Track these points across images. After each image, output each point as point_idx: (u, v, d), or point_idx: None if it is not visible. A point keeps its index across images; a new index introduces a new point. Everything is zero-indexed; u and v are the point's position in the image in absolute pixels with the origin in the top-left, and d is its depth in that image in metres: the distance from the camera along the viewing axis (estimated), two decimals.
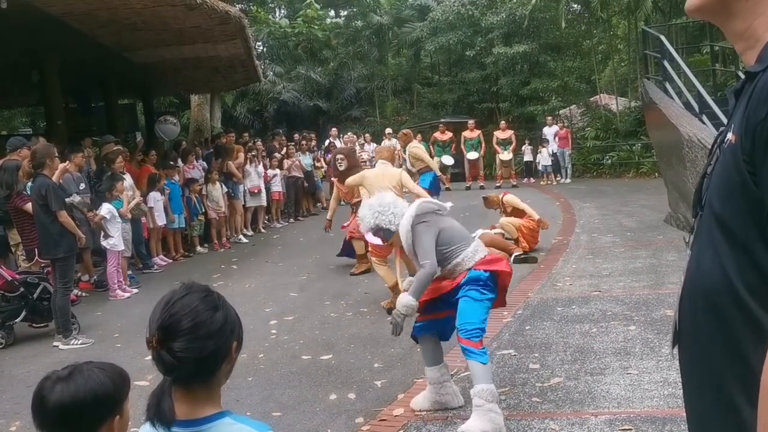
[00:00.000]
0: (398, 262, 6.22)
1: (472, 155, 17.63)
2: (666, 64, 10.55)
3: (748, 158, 1.09)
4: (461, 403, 4.06)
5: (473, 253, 3.96)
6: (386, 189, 7.82)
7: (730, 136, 1.17)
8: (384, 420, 4.10)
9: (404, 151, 17.46)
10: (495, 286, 3.96)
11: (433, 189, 9.76)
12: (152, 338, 1.49)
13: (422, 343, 4.15)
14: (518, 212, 8.98)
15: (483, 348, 3.80)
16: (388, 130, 19.45)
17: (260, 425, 1.56)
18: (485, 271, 3.90)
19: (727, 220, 1.15)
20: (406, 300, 3.91)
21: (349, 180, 7.78)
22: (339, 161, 8.63)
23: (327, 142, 17.55)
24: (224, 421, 1.53)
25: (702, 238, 1.24)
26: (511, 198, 9.13)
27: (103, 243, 8.41)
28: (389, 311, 6.17)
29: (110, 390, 1.62)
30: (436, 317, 4.11)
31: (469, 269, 3.90)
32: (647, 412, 3.74)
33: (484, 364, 3.74)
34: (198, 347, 1.48)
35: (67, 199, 6.99)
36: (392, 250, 6.51)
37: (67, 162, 7.76)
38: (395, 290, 6.33)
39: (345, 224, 8.68)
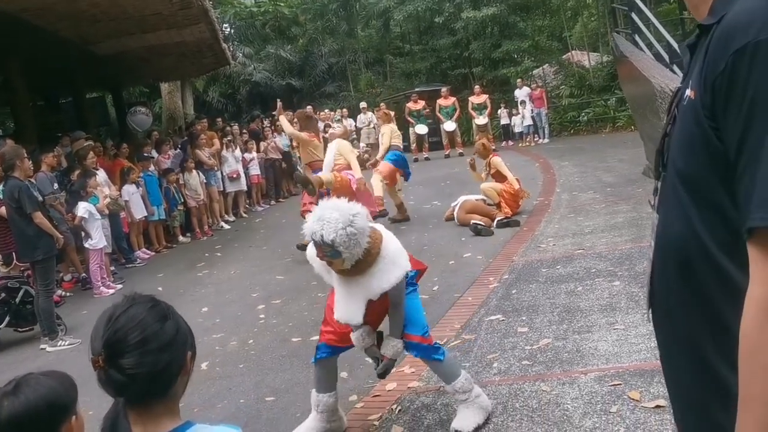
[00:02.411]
0: None
1: (448, 126, 17.57)
2: (634, 16, 10.52)
3: (709, 113, 1.07)
4: (346, 425, 3.80)
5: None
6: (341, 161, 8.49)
7: (688, 92, 1.14)
8: (377, 396, 4.12)
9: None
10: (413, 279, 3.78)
11: (399, 164, 9.70)
12: (98, 358, 1.36)
13: (321, 366, 3.76)
14: (501, 176, 8.96)
15: (435, 344, 3.64)
16: (363, 104, 19.36)
17: (228, 427, 1.49)
18: (413, 270, 3.70)
19: (692, 177, 1.14)
20: (399, 345, 3.54)
21: (305, 135, 8.72)
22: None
23: None
24: (194, 428, 1.45)
25: (668, 198, 1.22)
26: (498, 161, 9.06)
27: (85, 243, 8.34)
28: None
29: (61, 393, 1.59)
30: (347, 344, 3.72)
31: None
32: (635, 366, 3.78)
33: (442, 361, 3.59)
34: (150, 361, 1.38)
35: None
36: None
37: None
38: None
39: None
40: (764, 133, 0.99)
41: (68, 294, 8.56)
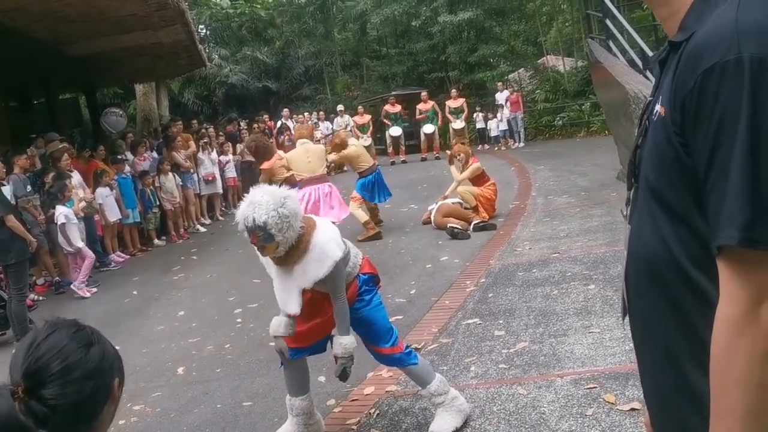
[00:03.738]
0: None
1: (427, 128, 17.64)
2: (608, 22, 10.65)
3: (679, 130, 1.09)
4: (324, 429, 3.77)
5: (356, 257, 3.66)
6: (314, 165, 7.92)
7: (658, 108, 1.17)
8: (355, 400, 4.12)
9: (359, 129, 17.52)
10: (370, 283, 3.72)
11: (367, 191, 9.05)
12: (17, 388, 1.27)
13: (289, 370, 3.69)
14: (476, 179, 9.01)
15: (406, 348, 3.62)
16: (340, 107, 19.37)
17: None
18: (369, 274, 3.66)
19: (663, 192, 1.16)
20: (346, 341, 3.45)
21: (266, 165, 7.97)
22: (246, 154, 8.89)
23: (279, 123, 17.36)
24: None
25: (640, 211, 1.24)
26: (476, 166, 9.10)
27: (68, 249, 8.24)
28: None
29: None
30: (311, 343, 3.71)
31: (357, 275, 3.61)
32: (610, 369, 3.83)
33: (417, 364, 3.59)
34: (74, 391, 1.29)
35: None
36: None
37: None
38: None
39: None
40: (731, 153, 1.01)
41: (41, 298, 8.44)
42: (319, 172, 8.06)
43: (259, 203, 3.18)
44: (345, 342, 3.45)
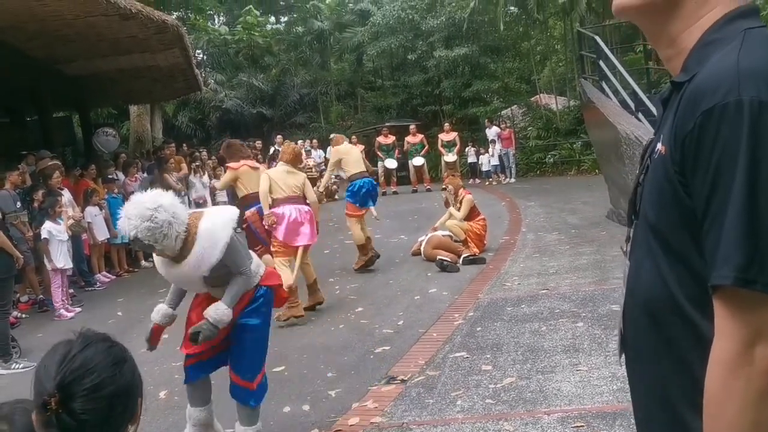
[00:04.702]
0: (298, 263, 6.51)
1: (417, 161, 17.73)
2: (601, 63, 10.82)
3: (678, 169, 1.11)
4: None
5: (257, 267, 3.68)
6: (291, 185, 7.09)
7: (659, 146, 1.18)
8: (339, 430, 4.07)
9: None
10: (271, 303, 3.75)
11: (356, 197, 8.70)
12: (50, 399, 1.26)
13: (191, 385, 3.75)
14: (470, 214, 9.01)
15: (260, 383, 3.64)
16: (333, 136, 19.41)
17: None
18: (268, 286, 3.67)
19: (662, 230, 1.17)
20: (222, 310, 3.43)
21: (232, 164, 7.75)
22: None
23: (272, 149, 17.40)
24: None
25: (640, 248, 1.25)
26: (470, 199, 9.12)
27: (48, 264, 8.15)
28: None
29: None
30: (210, 356, 3.72)
31: (256, 286, 3.62)
32: (598, 408, 3.81)
33: (254, 408, 3.60)
34: (104, 407, 1.30)
35: None
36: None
37: None
38: (293, 291, 6.38)
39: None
40: (729, 194, 1.02)
41: (24, 316, 8.32)
42: (297, 194, 7.18)
43: (129, 217, 3.26)
44: (221, 310, 3.45)
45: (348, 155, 9.04)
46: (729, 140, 1.03)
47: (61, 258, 8.24)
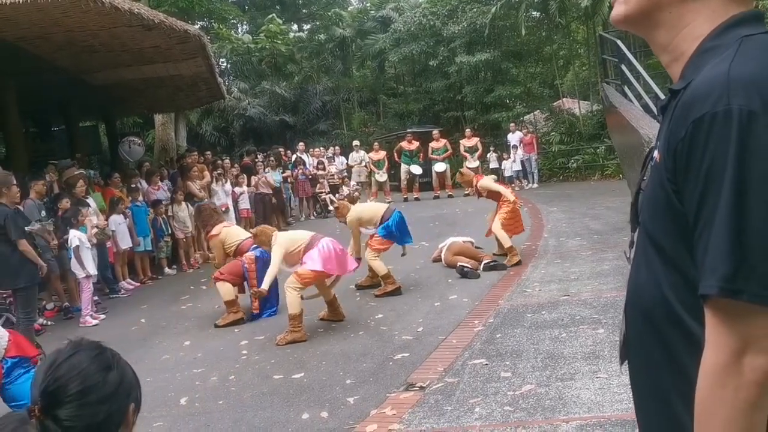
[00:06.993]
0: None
1: (439, 167, 17.70)
2: (623, 68, 10.71)
3: (671, 176, 1.11)
4: None
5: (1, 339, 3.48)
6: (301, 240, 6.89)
7: (656, 153, 1.18)
8: None
9: (375, 165, 17.54)
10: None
11: (393, 236, 8.20)
12: (34, 407, 1.29)
13: None
14: (493, 194, 8.92)
15: None
16: (356, 143, 19.52)
17: None
18: (17, 357, 3.53)
19: (657, 236, 1.17)
20: None
21: (214, 231, 7.83)
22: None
23: (294, 156, 17.50)
24: None
25: (639, 252, 1.26)
26: (485, 182, 9.08)
27: (79, 273, 8.25)
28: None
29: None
30: None
31: (2, 359, 3.47)
32: (617, 416, 3.76)
33: None
34: (88, 414, 1.30)
35: (27, 227, 6.86)
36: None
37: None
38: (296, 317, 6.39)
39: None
40: (717, 203, 1.02)
41: (49, 323, 8.45)
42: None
43: None
44: None
45: (362, 213, 8.31)
46: (718, 149, 1.03)
47: (89, 265, 8.36)
